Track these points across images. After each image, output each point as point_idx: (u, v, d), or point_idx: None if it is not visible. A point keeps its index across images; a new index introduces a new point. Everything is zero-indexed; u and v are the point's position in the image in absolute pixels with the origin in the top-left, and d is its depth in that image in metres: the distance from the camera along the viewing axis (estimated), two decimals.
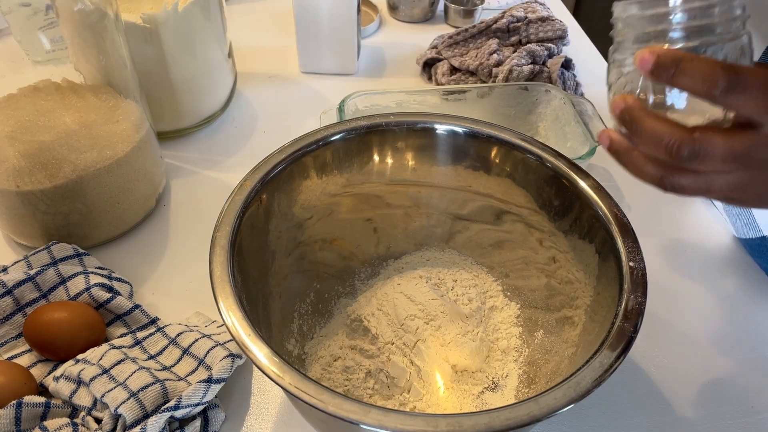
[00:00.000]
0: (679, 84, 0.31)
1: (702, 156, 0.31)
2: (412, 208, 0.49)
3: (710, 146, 0.31)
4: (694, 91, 0.31)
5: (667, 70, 0.31)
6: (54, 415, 0.40)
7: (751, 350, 0.49)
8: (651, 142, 0.33)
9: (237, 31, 0.82)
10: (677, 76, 0.31)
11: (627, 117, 0.34)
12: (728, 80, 0.30)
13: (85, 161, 0.50)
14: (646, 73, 0.32)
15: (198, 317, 0.49)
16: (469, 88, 0.64)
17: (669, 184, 0.34)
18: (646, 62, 0.32)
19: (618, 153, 0.36)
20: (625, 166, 0.36)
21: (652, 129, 0.33)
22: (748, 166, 0.32)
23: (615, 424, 0.44)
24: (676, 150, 0.32)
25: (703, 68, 0.30)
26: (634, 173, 0.36)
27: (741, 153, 0.31)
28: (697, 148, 0.31)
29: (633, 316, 0.33)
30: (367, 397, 0.42)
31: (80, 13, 0.47)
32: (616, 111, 0.35)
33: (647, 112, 0.33)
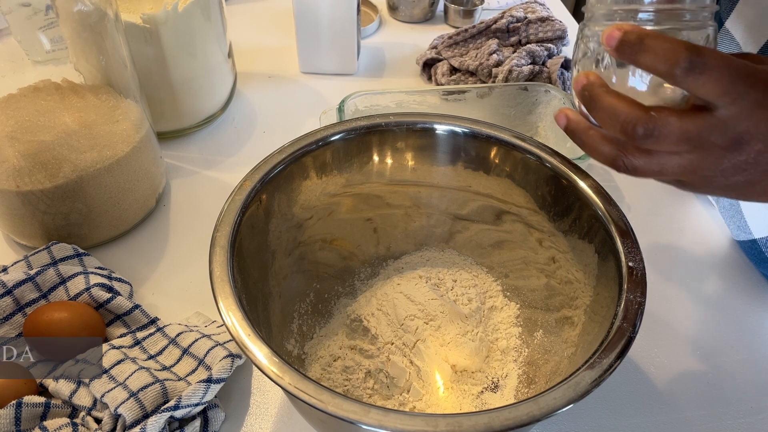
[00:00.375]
0: (641, 62, 0.31)
1: (656, 135, 0.32)
2: (411, 208, 0.49)
3: (665, 126, 0.31)
4: (655, 69, 0.31)
5: (631, 47, 0.31)
6: (54, 415, 0.40)
7: (750, 350, 0.49)
8: (608, 119, 0.33)
9: (237, 31, 0.82)
10: (640, 53, 0.31)
11: (587, 93, 0.34)
12: (689, 60, 0.30)
13: (85, 161, 0.50)
14: (611, 50, 0.32)
15: (198, 317, 0.49)
16: (468, 88, 0.64)
17: (623, 164, 0.34)
18: (612, 39, 0.32)
19: (574, 132, 0.37)
20: (581, 145, 0.37)
21: (610, 106, 0.33)
22: (700, 148, 0.32)
23: (615, 424, 0.44)
24: (631, 128, 0.32)
25: (665, 47, 0.30)
26: (590, 152, 0.36)
27: (695, 134, 0.31)
28: (651, 127, 0.31)
29: (632, 316, 0.33)
30: (367, 397, 0.42)
31: (80, 13, 0.47)
32: (578, 87, 0.35)
33: (607, 89, 0.34)
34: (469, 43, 0.78)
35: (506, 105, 0.65)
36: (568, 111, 0.37)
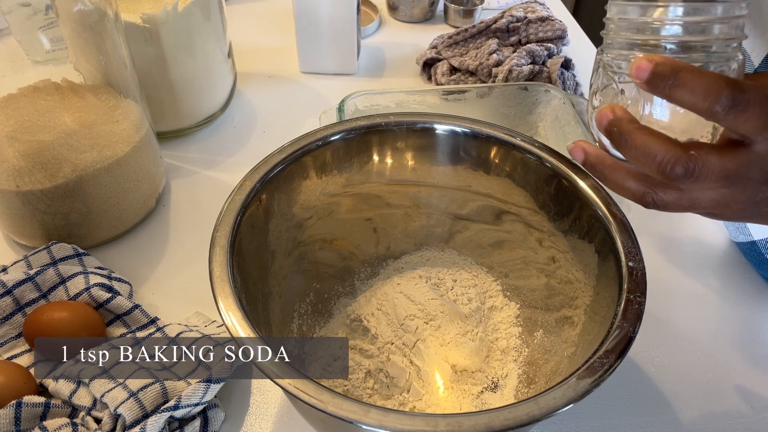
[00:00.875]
0: (676, 97, 0.29)
1: (696, 176, 0.30)
2: (411, 208, 0.49)
3: (705, 165, 0.30)
4: (693, 106, 0.29)
5: (664, 81, 0.29)
6: (54, 415, 0.40)
7: (750, 350, 0.49)
8: (642, 158, 0.31)
9: (237, 31, 0.82)
10: (676, 88, 0.29)
11: (615, 129, 0.32)
12: (732, 97, 0.28)
13: (85, 161, 0.50)
14: (641, 83, 0.30)
15: (198, 317, 0.49)
16: (468, 88, 0.64)
17: (652, 200, 0.32)
18: (642, 71, 0.30)
19: (594, 167, 0.34)
20: (602, 180, 0.34)
21: (644, 145, 0.30)
22: (736, 184, 0.31)
23: (615, 424, 0.44)
24: (669, 168, 0.30)
25: (704, 82, 0.28)
26: (613, 188, 0.34)
27: (734, 172, 0.30)
28: (692, 167, 0.30)
29: (632, 316, 0.33)
30: (367, 397, 0.42)
31: (80, 13, 0.47)
32: (604, 122, 0.32)
33: (637, 125, 0.31)
34: (469, 42, 0.78)
35: (506, 105, 0.65)
36: (584, 144, 0.35)
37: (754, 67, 0.50)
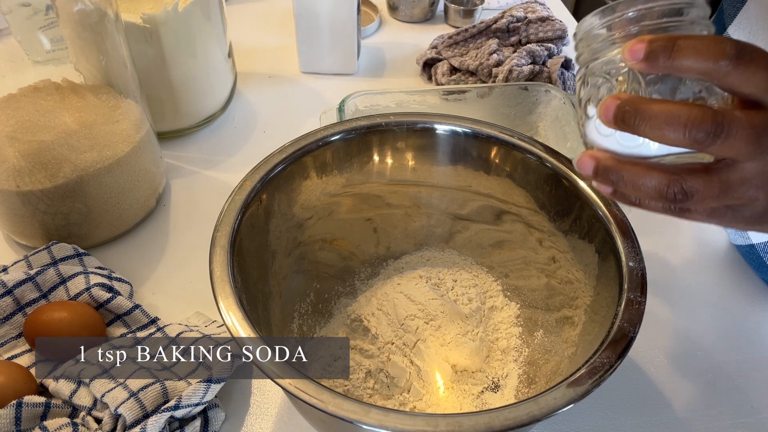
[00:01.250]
0: (680, 65, 0.28)
1: (726, 131, 0.27)
2: (412, 208, 0.49)
3: (733, 119, 0.27)
4: (699, 69, 0.27)
5: (664, 52, 0.28)
6: (54, 415, 0.40)
7: (750, 350, 0.49)
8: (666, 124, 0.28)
9: (237, 31, 0.82)
10: (677, 55, 0.27)
11: (628, 108, 0.29)
12: (736, 47, 0.27)
13: (85, 161, 0.50)
14: (638, 63, 0.28)
15: (198, 317, 0.49)
16: (469, 88, 0.64)
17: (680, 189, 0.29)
18: (637, 51, 0.28)
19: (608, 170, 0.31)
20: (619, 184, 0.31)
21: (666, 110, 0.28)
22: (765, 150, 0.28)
23: (615, 424, 0.44)
24: (699, 125, 0.27)
25: (704, 42, 0.27)
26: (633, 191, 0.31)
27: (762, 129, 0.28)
28: (720, 120, 0.27)
29: (633, 316, 0.33)
30: (367, 397, 0.42)
31: (80, 13, 0.47)
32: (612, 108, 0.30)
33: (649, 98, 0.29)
34: (470, 42, 0.78)
35: (506, 105, 0.65)
36: (590, 152, 0.32)
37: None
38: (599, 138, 0.33)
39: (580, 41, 0.34)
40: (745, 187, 0.29)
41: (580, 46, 0.34)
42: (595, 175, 0.32)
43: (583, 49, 0.34)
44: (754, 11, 0.50)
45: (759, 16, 0.50)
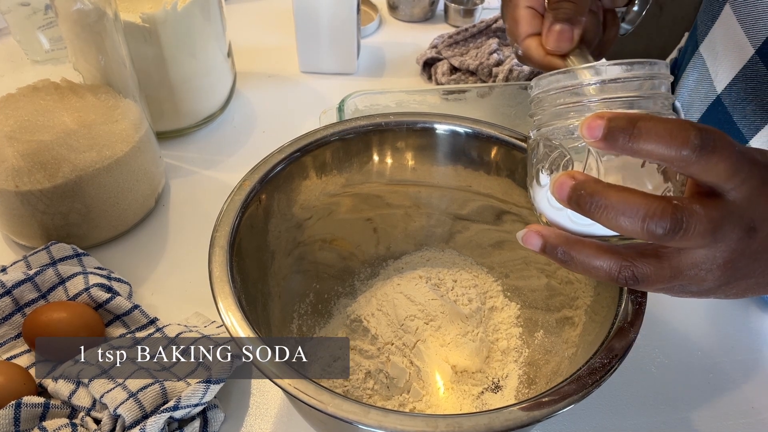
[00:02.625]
0: (641, 149, 0.26)
1: (685, 227, 0.26)
2: (412, 208, 0.49)
3: (692, 215, 0.26)
4: (660, 154, 0.26)
5: (624, 133, 0.26)
6: (53, 416, 0.40)
7: (751, 350, 0.49)
8: (622, 216, 0.27)
9: (236, 30, 0.82)
10: (638, 139, 0.26)
11: (583, 192, 0.28)
12: (701, 137, 0.25)
13: (84, 161, 0.50)
14: (595, 142, 0.27)
15: (197, 317, 0.49)
16: (469, 87, 0.64)
17: (631, 274, 0.29)
18: (595, 128, 0.26)
19: (556, 250, 0.30)
20: (569, 264, 0.30)
21: (623, 200, 0.27)
22: (719, 240, 0.28)
23: (615, 424, 0.44)
24: (657, 221, 0.26)
25: (668, 127, 0.26)
26: (582, 271, 0.30)
27: (719, 223, 0.27)
28: (680, 217, 0.26)
29: (633, 316, 0.33)
30: (367, 398, 0.42)
31: (79, 12, 0.47)
32: (565, 189, 0.28)
33: (606, 183, 0.28)
34: (470, 42, 0.78)
35: (507, 104, 0.65)
36: (537, 227, 0.31)
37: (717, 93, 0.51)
38: (550, 210, 0.32)
39: (536, 101, 0.33)
40: (695, 270, 0.29)
41: (536, 106, 0.33)
42: (542, 252, 0.31)
43: (539, 110, 0.33)
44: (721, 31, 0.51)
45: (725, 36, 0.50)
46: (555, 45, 0.38)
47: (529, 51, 0.40)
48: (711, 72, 0.52)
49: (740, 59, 0.48)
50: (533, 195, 0.33)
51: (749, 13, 0.47)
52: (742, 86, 0.49)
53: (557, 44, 0.38)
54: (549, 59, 0.39)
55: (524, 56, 0.41)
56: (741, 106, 0.50)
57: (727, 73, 0.50)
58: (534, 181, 0.33)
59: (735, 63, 0.49)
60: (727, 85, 0.50)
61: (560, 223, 0.31)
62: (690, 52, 0.57)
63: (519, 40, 0.41)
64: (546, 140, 0.32)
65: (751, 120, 0.49)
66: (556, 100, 0.31)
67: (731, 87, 0.50)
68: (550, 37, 0.38)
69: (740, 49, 0.48)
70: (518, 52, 0.42)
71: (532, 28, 0.40)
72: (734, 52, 0.49)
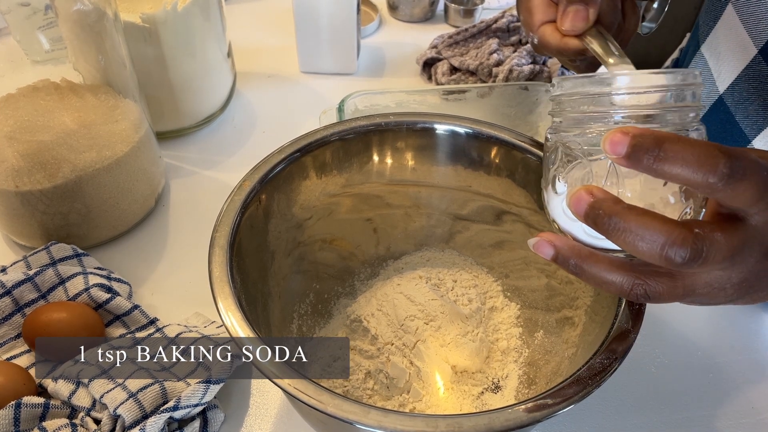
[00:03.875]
0: (666, 171, 0.25)
1: (704, 257, 0.26)
2: (412, 208, 0.49)
3: (713, 244, 0.26)
4: (686, 179, 0.25)
5: (648, 154, 0.25)
6: (53, 416, 0.40)
7: (751, 350, 0.49)
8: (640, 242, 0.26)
9: (236, 30, 0.82)
10: (664, 161, 0.25)
11: (601, 212, 0.27)
12: (730, 165, 0.24)
13: (84, 161, 0.50)
14: (619, 159, 0.26)
15: (197, 318, 0.49)
16: (469, 87, 0.64)
17: (643, 292, 0.28)
18: (618, 145, 0.25)
19: (568, 261, 0.30)
20: (580, 275, 0.30)
21: (642, 226, 0.26)
22: (736, 263, 0.27)
23: (615, 424, 0.44)
24: (676, 251, 0.25)
25: (696, 151, 0.25)
26: (594, 283, 0.30)
27: (738, 250, 0.26)
28: (700, 247, 0.25)
29: (633, 316, 0.33)
30: (367, 398, 0.42)
31: (79, 12, 0.47)
32: (583, 206, 0.27)
33: (627, 205, 0.27)
34: (470, 42, 0.78)
35: (507, 105, 0.65)
36: (550, 237, 0.31)
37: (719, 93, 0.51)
38: (564, 220, 0.31)
39: (560, 101, 0.32)
40: (708, 289, 0.29)
41: (558, 106, 0.32)
42: (553, 261, 0.31)
43: (561, 112, 0.32)
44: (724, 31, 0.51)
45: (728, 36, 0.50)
46: (570, 25, 0.38)
47: (545, 37, 0.40)
48: (713, 72, 0.52)
49: (743, 59, 0.48)
50: (547, 200, 0.33)
51: (752, 13, 0.47)
52: (744, 86, 0.49)
53: (573, 24, 0.38)
54: (565, 41, 0.39)
55: (540, 44, 0.41)
56: (743, 106, 0.50)
57: (730, 73, 0.50)
58: (550, 186, 0.32)
59: (737, 63, 0.49)
60: (730, 85, 0.50)
61: (573, 233, 0.31)
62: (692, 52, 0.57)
63: (534, 28, 0.41)
64: (565, 147, 0.31)
65: (754, 120, 0.49)
66: (578, 106, 0.30)
67: (734, 87, 0.50)
68: (566, 18, 0.38)
69: (743, 49, 0.48)
70: (534, 41, 0.42)
71: (547, 16, 0.40)
72: (737, 52, 0.49)
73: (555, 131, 0.32)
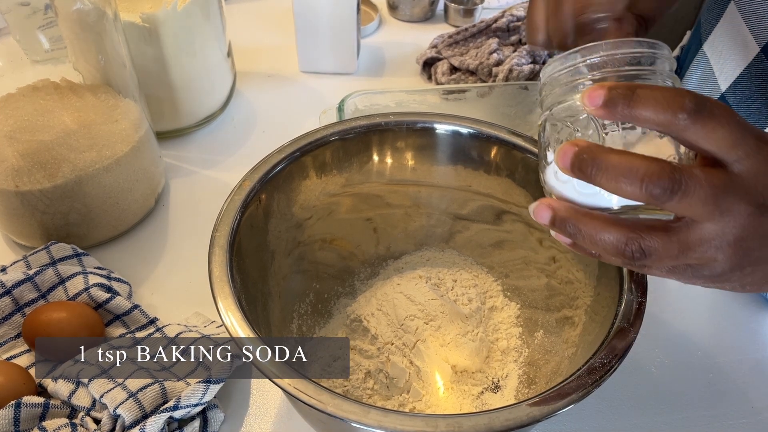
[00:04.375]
0: (638, 115, 0.27)
1: (684, 188, 0.26)
2: (412, 208, 0.49)
3: (691, 177, 0.27)
4: (656, 120, 0.27)
5: (623, 100, 0.27)
6: (53, 416, 0.40)
7: (751, 350, 0.49)
8: (623, 176, 0.27)
9: (236, 30, 0.82)
10: (635, 105, 0.27)
11: (585, 156, 0.28)
12: (695, 101, 0.26)
13: (84, 161, 0.50)
14: (596, 110, 0.28)
15: (197, 317, 0.49)
16: (469, 87, 0.64)
17: (638, 247, 0.28)
18: (596, 98, 0.27)
19: (566, 221, 0.30)
20: (577, 236, 0.30)
21: (623, 161, 0.27)
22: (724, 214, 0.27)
23: (615, 424, 0.44)
24: (656, 180, 0.26)
25: (664, 93, 0.26)
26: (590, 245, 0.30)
27: (721, 191, 0.27)
28: (678, 178, 0.26)
29: (633, 316, 0.33)
30: (367, 398, 0.42)
31: (79, 12, 0.47)
32: (569, 155, 0.29)
33: (608, 148, 0.28)
34: (470, 42, 0.78)
35: (506, 104, 0.65)
36: (548, 201, 0.31)
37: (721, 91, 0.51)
38: (557, 184, 0.32)
39: (543, 86, 0.33)
40: (704, 248, 0.29)
41: (544, 90, 0.34)
42: (552, 225, 0.31)
43: (546, 94, 0.33)
44: (726, 29, 0.51)
45: (730, 34, 0.50)
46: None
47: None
48: (715, 70, 0.52)
49: (745, 57, 0.48)
50: (542, 176, 0.34)
51: (754, 11, 0.47)
52: (746, 84, 0.49)
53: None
54: None
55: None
56: (745, 104, 0.50)
57: (732, 71, 0.50)
58: (543, 161, 0.34)
59: (740, 61, 0.49)
60: (732, 83, 0.50)
61: (567, 194, 0.32)
62: (693, 50, 0.57)
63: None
64: (552, 120, 0.33)
65: (756, 118, 0.49)
66: (560, 81, 0.32)
67: (736, 85, 0.50)
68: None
69: (745, 47, 0.48)
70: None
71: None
72: (739, 50, 0.49)
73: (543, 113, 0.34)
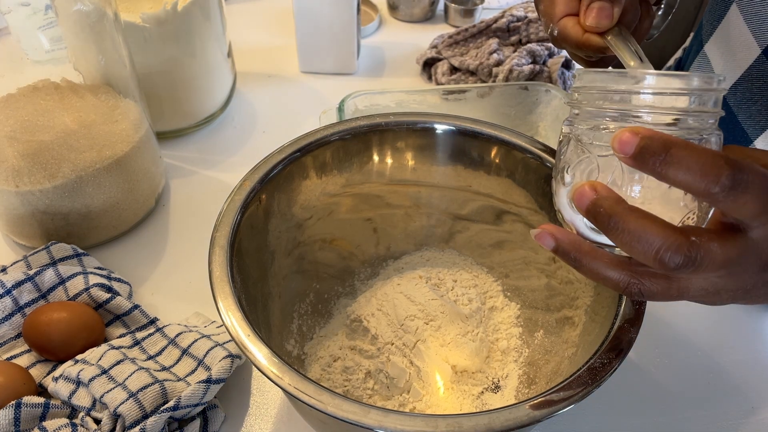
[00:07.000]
0: (670, 176, 0.25)
1: (698, 264, 0.26)
2: (412, 208, 0.49)
3: (708, 254, 0.26)
4: (689, 186, 0.25)
5: (654, 157, 0.25)
6: (53, 416, 0.40)
7: (751, 350, 0.49)
8: (636, 244, 0.26)
9: (237, 30, 0.82)
10: (669, 166, 0.25)
11: (602, 210, 0.27)
12: (733, 177, 0.25)
13: (85, 161, 0.50)
14: (626, 158, 0.26)
15: (197, 317, 0.49)
16: (469, 87, 0.64)
17: (638, 291, 0.29)
18: (627, 144, 0.26)
19: (568, 254, 0.30)
20: (578, 268, 0.30)
21: (640, 229, 0.26)
22: (732, 274, 0.28)
23: (615, 424, 0.44)
24: (670, 257, 0.26)
25: (701, 160, 0.25)
26: (591, 277, 0.30)
27: (734, 261, 0.27)
28: (694, 256, 0.26)
29: (633, 316, 0.33)
30: (367, 398, 0.42)
31: (79, 12, 0.47)
32: (585, 201, 0.28)
33: (627, 206, 0.27)
34: (470, 42, 0.78)
35: (507, 104, 0.65)
36: (552, 229, 0.31)
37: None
38: (568, 211, 0.32)
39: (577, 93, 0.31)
40: (702, 293, 0.29)
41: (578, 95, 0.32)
42: (554, 252, 0.31)
43: (580, 102, 0.31)
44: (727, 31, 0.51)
45: (731, 36, 0.50)
46: (595, 22, 0.37)
47: (566, 30, 0.39)
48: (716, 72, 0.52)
49: (746, 59, 0.49)
50: (555, 189, 0.33)
51: (756, 13, 0.47)
52: (747, 86, 0.49)
53: (597, 21, 0.37)
54: (587, 37, 0.38)
55: (560, 36, 0.40)
56: (746, 106, 0.50)
57: (733, 72, 0.50)
58: (559, 176, 0.33)
59: (741, 63, 0.49)
60: (733, 85, 0.50)
61: (575, 224, 0.31)
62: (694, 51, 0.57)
63: (555, 19, 0.40)
64: (577, 139, 0.31)
65: (756, 120, 0.49)
66: (595, 101, 0.30)
67: (736, 87, 0.50)
68: (590, 14, 0.37)
69: (746, 49, 0.48)
70: (554, 33, 0.40)
71: (569, 8, 0.39)
72: (740, 52, 0.49)
73: (570, 123, 0.32)
